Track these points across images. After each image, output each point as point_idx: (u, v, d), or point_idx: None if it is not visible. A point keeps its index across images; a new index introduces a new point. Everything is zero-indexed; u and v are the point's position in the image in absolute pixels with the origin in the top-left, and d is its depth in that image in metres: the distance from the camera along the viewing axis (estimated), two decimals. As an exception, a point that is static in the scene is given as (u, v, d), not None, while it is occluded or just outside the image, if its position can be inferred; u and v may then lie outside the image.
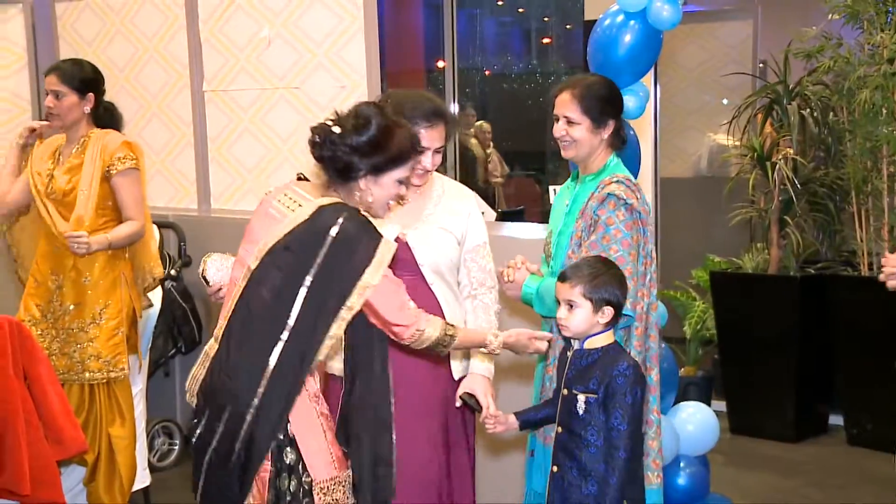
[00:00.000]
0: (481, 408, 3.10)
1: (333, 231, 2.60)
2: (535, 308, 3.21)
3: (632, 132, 4.00)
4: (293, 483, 2.66)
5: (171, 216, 5.31)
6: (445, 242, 3.26)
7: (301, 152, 4.91)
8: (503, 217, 8.31)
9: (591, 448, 2.87)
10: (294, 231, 2.64)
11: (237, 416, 2.59)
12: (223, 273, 3.08)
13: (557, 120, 3.24)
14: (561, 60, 9.67)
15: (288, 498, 2.65)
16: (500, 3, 9.66)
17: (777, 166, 5.53)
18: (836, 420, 5.74)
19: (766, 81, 6.21)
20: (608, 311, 2.88)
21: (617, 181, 3.18)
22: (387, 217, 2.98)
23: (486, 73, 10.31)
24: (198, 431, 2.68)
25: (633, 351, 3.14)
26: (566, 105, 3.21)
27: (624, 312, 2.99)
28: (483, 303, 3.28)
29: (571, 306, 2.88)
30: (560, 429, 2.96)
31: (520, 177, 9.59)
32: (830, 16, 5.55)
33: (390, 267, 2.80)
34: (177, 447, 5.35)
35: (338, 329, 2.62)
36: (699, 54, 7.50)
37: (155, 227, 4.58)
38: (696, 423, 4.09)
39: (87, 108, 4.19)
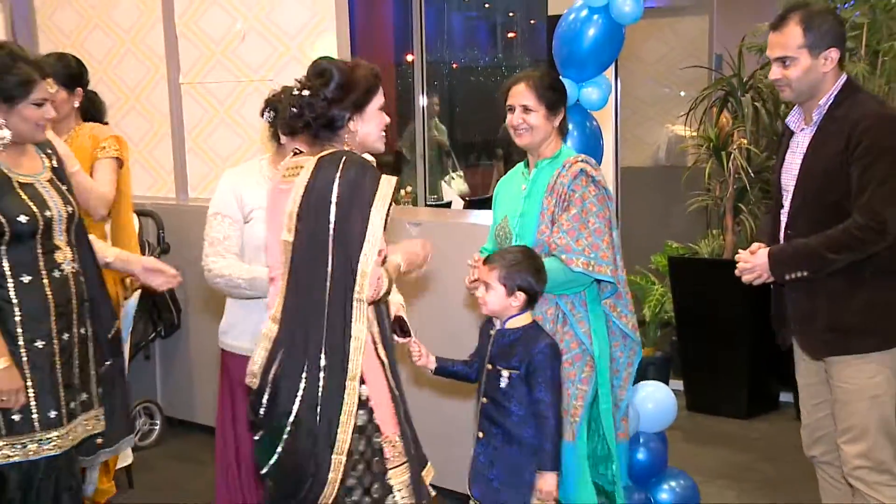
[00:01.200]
0: (410, 333, 3.15)
1: (338, 174, 2.61)
2: None
3: (594, 123, 4.03)
4: (363, 443, 2.66)
5: (149, 205, 5.27)
6: None
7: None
8: (469, 205, 8.33)
9: (514, 417, 3.10)
10: (306, 190, 2.64)
11: (313, 380, 2.57)
12: None
13: (512, 110, 3.36)
14: (525, 54, 9.68)
15: (356, 456, 2.64)
16: (466, -2, 9.65)
17: (732, 156, 5.57)
18: (786, 398, 5.80)
19: (722, 74, 6.23)
20: (521, 297, 3.10)
21: (583, 160, 3.34)
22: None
23: (454, 66, 10.30)
24: (262, 410, 2.65)
25: (626, 314, 3.38)
26: (522, 94, 3.34)
27: (609, 280, 3.25)
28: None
29: (487, 287, 3.11)
30: (485, 399, 3.17)
31: (486, 166, 9.60)
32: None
33: None
34: (157, 427, 5.35)
35: (364, 264, 2.58)
36: (658, 48, 7.54)
37: (134, 215, 4.56)
38: (655, 401, 4.12)
39: (76, 103, 4.16)
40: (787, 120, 3.33)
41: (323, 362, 2.57)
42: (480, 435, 3.18)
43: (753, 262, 3.20)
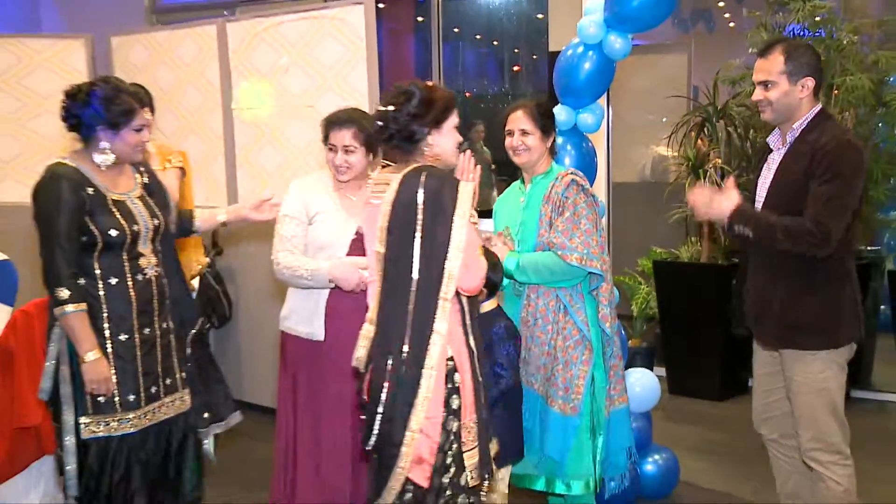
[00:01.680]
0: None
1: (421, 189, 2.59)
2: (516, 278, 3.36)
3: (590, 144, 4.04)
4: (455, 424, 2.66)
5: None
6: None
7: (314, 159, 4.92)
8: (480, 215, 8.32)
9: None
10: (393, 207, 2.63)
11: (397, 369, 2.56)
12: None
13: (511, 134, 3.43)
14: (528, 85, 9.67)
15: (451, 437, 2.65)
16: (478, 37, 9.66)
17: (708, 173, 5.57)
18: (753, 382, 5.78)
19: (699, 104, 6.23)
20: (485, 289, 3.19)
21: (572, 173, 3.41)
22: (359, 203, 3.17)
23: (467, 94, 10.31)
24: (363, 397, 2.65)
25: (603, 298, 3.37)
26: (521, 120, 3.41)
27: (598, 273, 3.29)
28: None
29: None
30: None
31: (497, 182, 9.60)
32: (751, 49, 5.58)
33: (355, 254, 3.16)
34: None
35: (451, 268, 2.56)
36: (644, 81, 7.52)
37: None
38: (641, 385, 4.14)
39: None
40: (768, 139, 3.34)
41: (405, 355, 2.55)
42: None
43: (722, 196, 3.13)
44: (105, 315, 3.04)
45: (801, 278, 3.10)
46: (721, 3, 7.37)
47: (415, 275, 2.56)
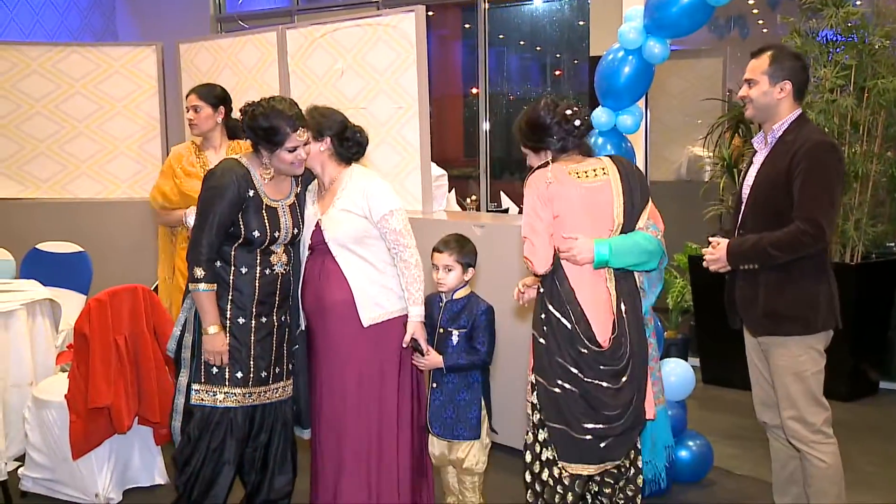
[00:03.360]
0: (423, 351, 3.28)
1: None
2: (612, 264, 2.91)
3: (629, 144, 3.99)
4: (534, 396, 2.98)
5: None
6: (346, 220, 3.25)
7: (366, 159, 4.92)
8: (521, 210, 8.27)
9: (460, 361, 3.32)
10: (623, 182, 2.95)
11: None
12: None
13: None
14: (570, 88, 9.60)
15: (531, 406, 3.04)
16: (521, 42, 9.60)
17: (742, 172, 5.47)
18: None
19: (733, 105, 6.14)
20: (471, 271, 3.37)
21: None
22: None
23: (511, 98, 10.26)
24: (622, 350, 2.92)
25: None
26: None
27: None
28: (403, 259, 3.26)
29: (449, 270, 3.32)
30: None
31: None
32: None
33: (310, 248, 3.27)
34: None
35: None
36: (681, 84, 7.44)
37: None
38: (676, 375, 4.09)
39: (219, 119, 4.24)
40: (752, 140, 3.39)
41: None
42: (434, 385, 3.37)
43: (717, 254, 3.25)
44: (229, 297, 3.17)
45: (778, 272, 3.15)
46: (755, 10, 7.24)
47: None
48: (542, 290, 2.97)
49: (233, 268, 3.16)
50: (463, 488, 3.44)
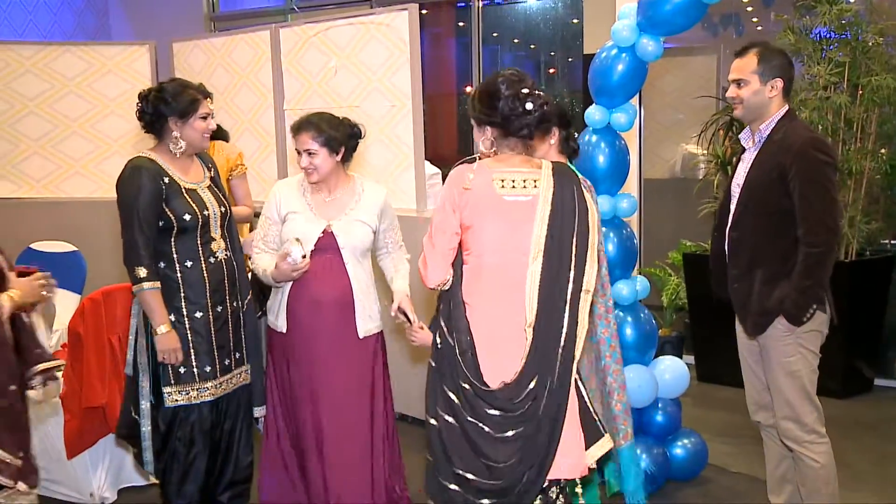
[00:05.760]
0: (411, 321, 3.14)
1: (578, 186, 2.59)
2: None
3: (622, 142, 3.99)
4: None
5: (259, 207, 5.31)
6: (361, 230, 3.35)
7: (358, 156, 4.91)
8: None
9: None
10: (554, 204, 2.51)
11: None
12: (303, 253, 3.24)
13: None
14: (564, 86, 9.60)
15: None
16: (515, 40, 9.60)
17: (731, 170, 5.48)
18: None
19: (727, 103, 6.13)
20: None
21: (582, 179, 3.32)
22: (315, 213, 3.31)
23: (505, 95, 10.26)
24: (525, 393, 2.45)
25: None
26: None
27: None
28: (398, 254, 3.52)
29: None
30: None
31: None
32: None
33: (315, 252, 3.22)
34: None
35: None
36: (675, 81, 7.43)
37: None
38: (671, 372, 4.09)
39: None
40: (739, 136, 3.37)
41: None
42: None
43: (787, 329, 3.15)
44: (182, 295, 3.20)
45: (769, 276, 3.14)
46: (749, 8, 7.24)
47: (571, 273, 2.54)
48: (440, 306, 2.64)
49: (178, 265, 3.20)
50: None
